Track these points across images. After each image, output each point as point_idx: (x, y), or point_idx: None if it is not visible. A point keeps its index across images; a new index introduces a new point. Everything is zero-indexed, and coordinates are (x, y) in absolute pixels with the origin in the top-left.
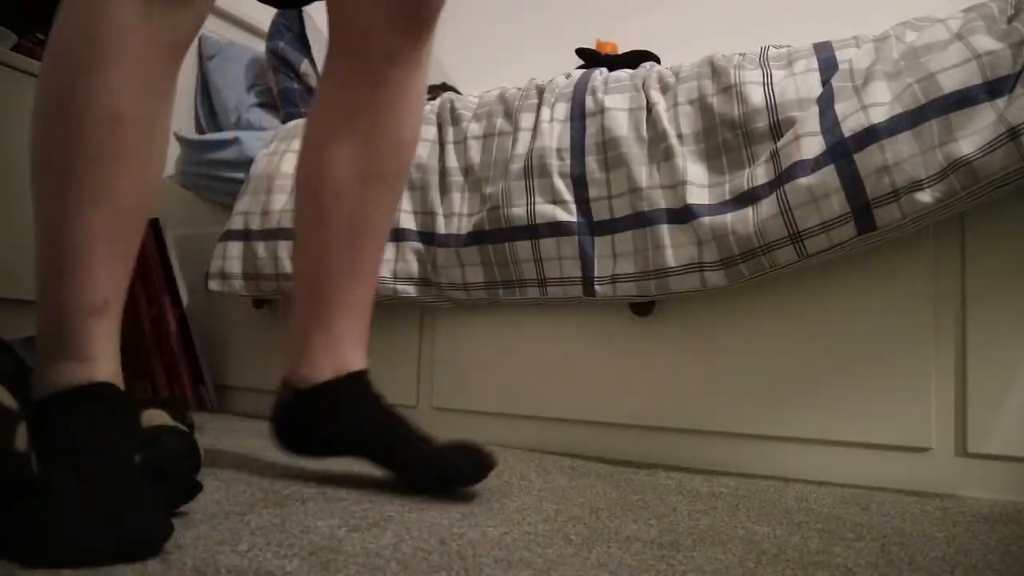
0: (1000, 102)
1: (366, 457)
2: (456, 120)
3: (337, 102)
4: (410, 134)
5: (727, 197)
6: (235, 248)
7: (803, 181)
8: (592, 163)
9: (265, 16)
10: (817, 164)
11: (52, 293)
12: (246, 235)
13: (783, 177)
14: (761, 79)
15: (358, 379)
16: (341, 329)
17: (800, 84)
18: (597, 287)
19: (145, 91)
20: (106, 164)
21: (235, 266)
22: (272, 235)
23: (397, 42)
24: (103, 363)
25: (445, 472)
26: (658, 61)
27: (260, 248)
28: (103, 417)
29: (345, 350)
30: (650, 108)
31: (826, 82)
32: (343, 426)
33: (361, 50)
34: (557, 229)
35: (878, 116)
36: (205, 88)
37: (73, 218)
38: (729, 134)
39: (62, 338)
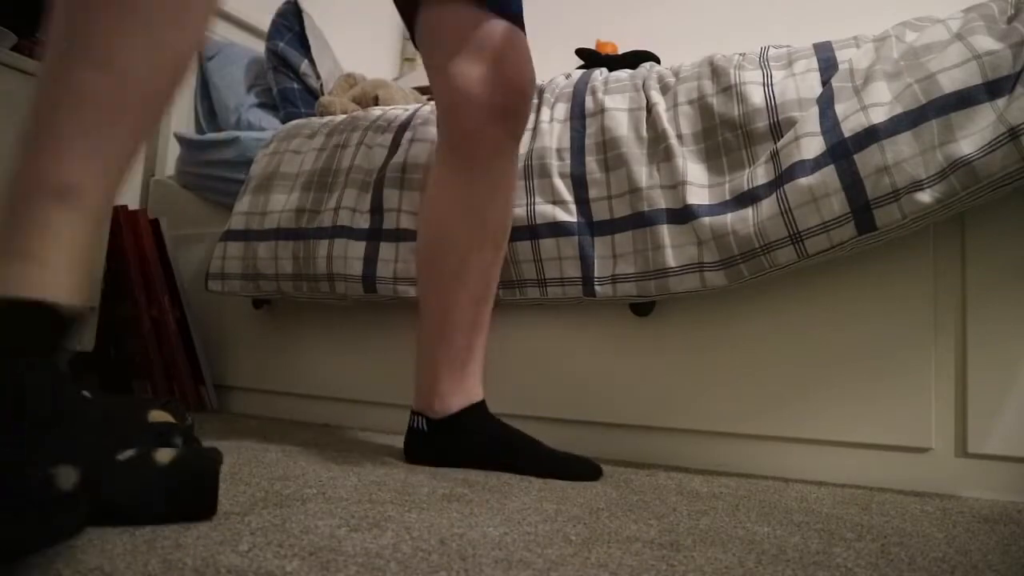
0: (1000, 102)
1: (493, 468)
2: None
3: (452, 187)
4: (511, 200)
5: (727, 197)
6: (235, 248)
7: (803, 181)
8: (592, 163)
9: (265, 16)
10: (817, 164)
11: (15, 169)
12: (246, 235)
13: (783, 177)
14: (761, 79)
15: (480, 408)
16: (469, 370)
17: (800, 84)
18: (597, 287)
19: None
20: (120, 27)
21: (235, 266)
22: (272, 235)
23: (502, 139)
24: (55, 270)
25: (562, 473)
26: (658, 61)
27: (260, 248)
28: (27, 351)
29: (470, 386)
30: (650, 108)
31: (826, 82)
32: (474, 446)
33: (473, 147)
34: (557, 229)
35: (878, 116)
36: (205, 88)
37: (59, 79)
38: (729, 134)
39: (7, 223)
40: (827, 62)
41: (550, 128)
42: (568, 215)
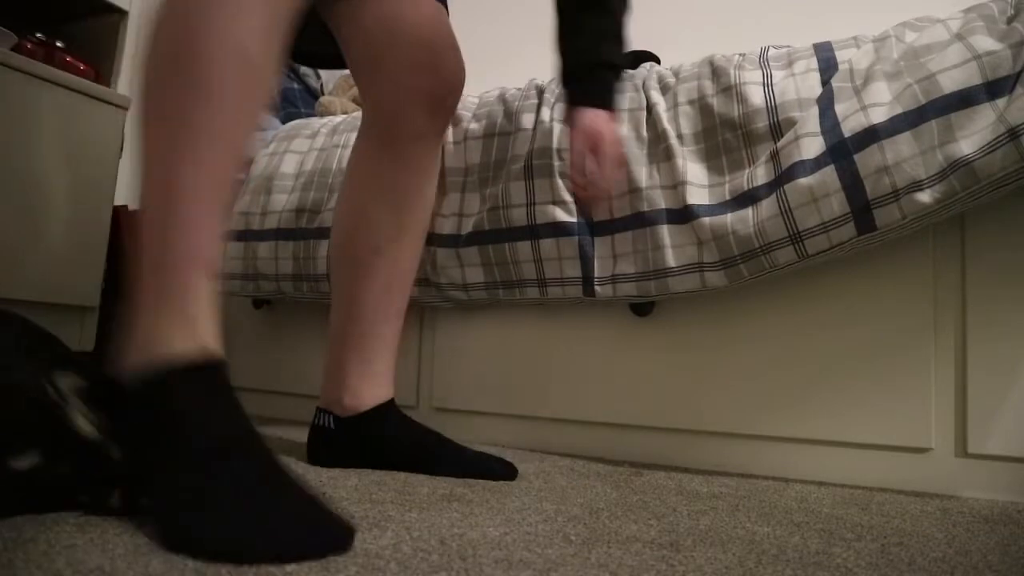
0: (1000, 102)
1: (403, 470)
2: (456, 120)
3: (371, 175)
4: (432, 193)
5: (727, 197)
6: (235, 248)
7: (803, 181)
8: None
9: None
10: (817, 164)
11: (162, 246)
12: (246, 235)
13: (783, 177)
14: (761, 79)
15: (391, 407)
16: (379, 365)
17: (800, 84)
18: (597, 287)
19: (271, 37)
20: (229, 110)
21: (235, 266)
22: (272, 235)
23: (426, 125)
24: (211, 330)
25: (480, 473)
26: (658, 61)
27: (260, 248)
28: (231, 400)
29: (381, 382)
30: (650, 108)
31: (826, 82)
32: (385, 447)
33: (394, 133)
34: (557, 229)
35: (878, 116)
36: None
37: (192, 165)
38: (729, 134)
39: (170, 294)
40: (827, 62)
41: (550, 128)
42: (568, 215)
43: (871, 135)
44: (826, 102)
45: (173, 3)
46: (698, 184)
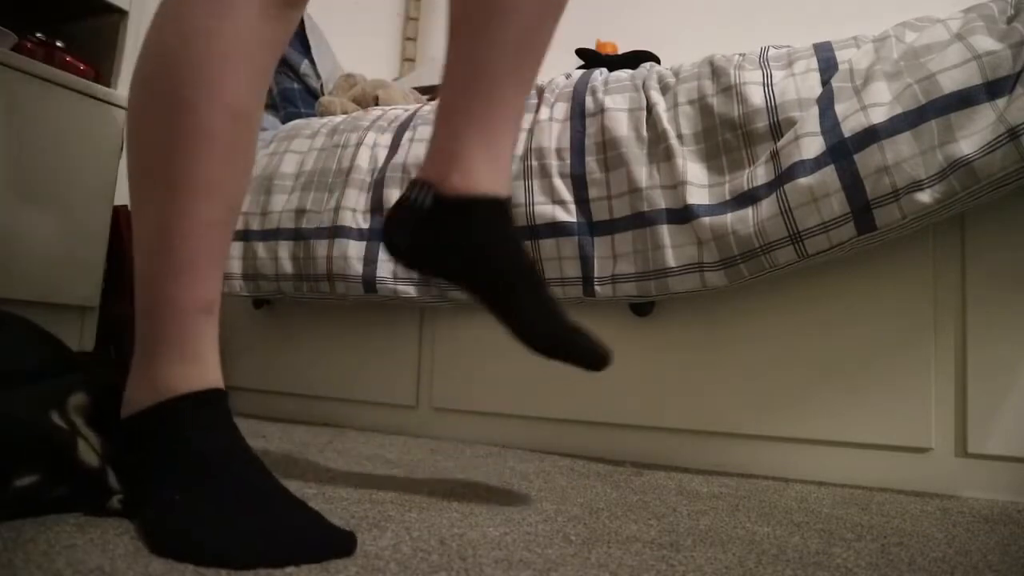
0: (1000, 102)
1: (479, 289)
2: None
3: None
4: None
5: (727, 197)
6: (235, 248)
7: (803, 181)
8: (592, 163)
9: None
10: (817, 164)
11: (161, 292)
12: (245, 235)
13: (783, 177)
14: (761, 79)
15: (508, 206)
16: (502, 146)
17: (800, 84)
18: (597, 287)
19: (257, 88)
20: (225, 161)
21: (235, 266)
22: (272, 235)
23: None
24: (213, 365)
25: (562, 342)
26: (658, 61)
27: (260, 248)
28: (231, 424)
29: (502, 168)
30: (650, 108)
31: (826, 82)
32: (483, 250)
33: None
34: (557, 229)
35: (878, 116)
36: None
37: (188, 215)
38: (729, 134)
39: (174, 339)
40: (827, 62)
41: (549, 128)
42: (568, 215)
43: (871, 135)
44: (826, 102)
45: (159, 62)
46: (698, 184)
